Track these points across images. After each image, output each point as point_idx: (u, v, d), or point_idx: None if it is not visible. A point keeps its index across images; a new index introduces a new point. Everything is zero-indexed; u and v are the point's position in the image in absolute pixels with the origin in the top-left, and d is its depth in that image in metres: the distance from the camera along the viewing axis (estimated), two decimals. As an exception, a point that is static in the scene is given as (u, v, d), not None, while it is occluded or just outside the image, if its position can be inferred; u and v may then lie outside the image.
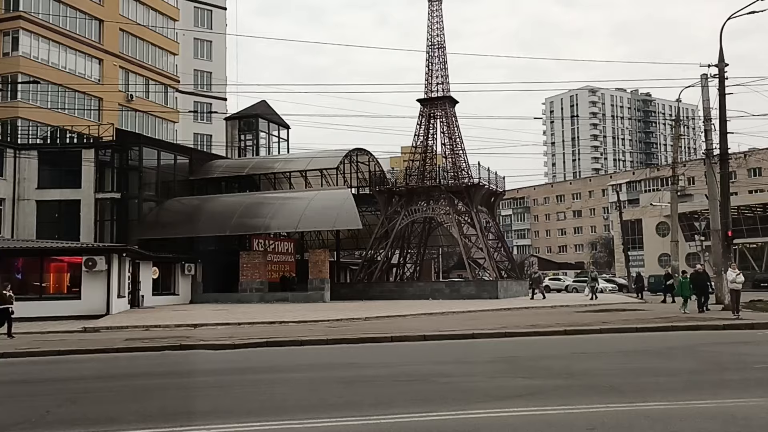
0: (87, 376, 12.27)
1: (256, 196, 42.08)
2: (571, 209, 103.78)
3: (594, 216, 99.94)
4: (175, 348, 16.35)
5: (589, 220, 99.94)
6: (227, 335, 18.90)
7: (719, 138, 24.97)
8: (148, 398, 9.31)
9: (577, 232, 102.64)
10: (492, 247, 42.64)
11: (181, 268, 38.04)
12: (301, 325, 22.69)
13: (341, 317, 24.66)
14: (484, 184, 40.77)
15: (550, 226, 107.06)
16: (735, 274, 21.07)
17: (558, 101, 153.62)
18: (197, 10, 62.18)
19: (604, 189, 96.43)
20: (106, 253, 26.90)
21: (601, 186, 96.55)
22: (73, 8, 47.41)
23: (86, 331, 22.02)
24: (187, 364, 13.54)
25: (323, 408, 8.01)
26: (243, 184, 45.86)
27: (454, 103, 44.11)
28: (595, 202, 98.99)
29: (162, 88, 54.99)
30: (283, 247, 45.42)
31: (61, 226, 39.52)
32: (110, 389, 10.49)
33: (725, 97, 24.79)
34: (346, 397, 8.88)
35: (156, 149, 41.10)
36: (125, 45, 51.69)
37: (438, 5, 43.94)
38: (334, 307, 31.31)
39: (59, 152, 40.60)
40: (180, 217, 40.30)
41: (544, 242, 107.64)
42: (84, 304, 26.43)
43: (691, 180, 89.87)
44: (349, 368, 12.18)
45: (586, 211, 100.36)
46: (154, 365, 13.47)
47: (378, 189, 42.79)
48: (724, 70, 24.82)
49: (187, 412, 8.09)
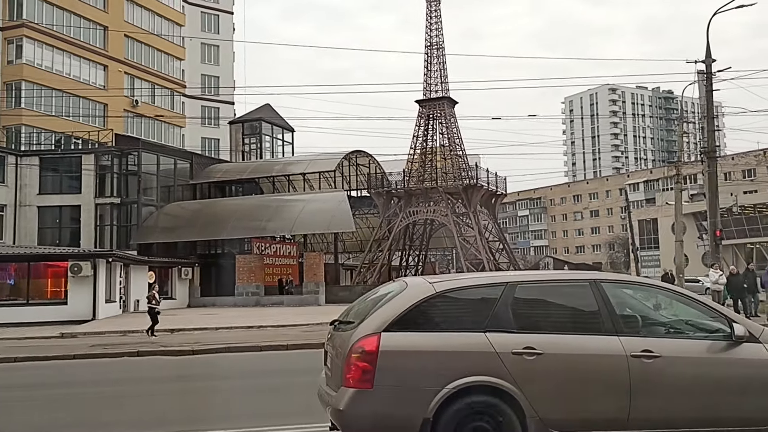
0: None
1: (255, 200, 42.12)
2: (588, 209, 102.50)
3: (611, 216, 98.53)
4: (133, 355, 16.26)
5: (606, 220, 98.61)
6: (194, 341, 18.80)
7: (707, 135, 24.36)
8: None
9: (595, 233, 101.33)
10: (493, 248, 42.16)
11: (178, 272, 38.16)
12: (277, 329, 22.53)
13: (321, 321, 24.42)
14: (483, 185, 40.30)
15: (567, 226, 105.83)
16: (717, 275, 20.48)
17: (578, 100, 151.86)
18: (204, 15, 62.43)
19: (622, 188, 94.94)
20: (92, 259, 26.99)
21: (618, 185, 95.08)
22: (77, 16, 47.86)
23: (63, 337, 22.07)
24: (124, 372, 13.48)
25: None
26: (247, 187, 45.97)
27: (453, 104, 43.69)
28: (613, 202, 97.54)
29: (168, 93, 55.31)
30: (285, 251, 45.33)
31: (62, 231, 40.00)
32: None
33: (713, 93, 24.15)
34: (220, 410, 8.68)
35: (155, 154, 41.30)
36: (130, 51, 52.08)
37: (436, 5, 43.57)
38: (323, 311, 31.05)
39: (60, 158, 41.04)
40: (179, 222, 40.46)
41: (561, 243, 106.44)
42: (70, 309, 26.54)
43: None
44: (273, 376, 12.02)
45: (604, 211, 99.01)
46: (93, 373, 13.40)
47: (377, 191, 42.51)
48: (711, 67, 24.18)
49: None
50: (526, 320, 5.65)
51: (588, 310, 5.69)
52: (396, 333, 5.38)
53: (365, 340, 5.37)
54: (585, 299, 5.70)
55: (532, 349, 5.31)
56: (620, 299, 5.92)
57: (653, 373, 5.37)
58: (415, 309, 5.53)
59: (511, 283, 5.74)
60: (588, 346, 5.43)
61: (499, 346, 5.31)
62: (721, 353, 5.56)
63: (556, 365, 5.32)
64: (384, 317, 5.52)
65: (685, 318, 5.92)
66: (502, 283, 5.77)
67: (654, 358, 5.38)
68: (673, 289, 6.05)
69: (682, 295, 5.92)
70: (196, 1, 61.44)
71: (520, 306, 5.64)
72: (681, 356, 5.49)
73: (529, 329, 5.53)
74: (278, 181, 46.92)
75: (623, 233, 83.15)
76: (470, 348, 5.34)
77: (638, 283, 6.40)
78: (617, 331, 5.49)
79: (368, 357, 5.28)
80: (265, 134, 51.59)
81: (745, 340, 5.54)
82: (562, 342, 5.44)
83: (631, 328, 5.69)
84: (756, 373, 5.53)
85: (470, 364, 5.30)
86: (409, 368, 5.29)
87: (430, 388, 5.20)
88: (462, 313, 5.68)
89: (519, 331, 5.46)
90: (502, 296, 5.58)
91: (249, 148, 53.48)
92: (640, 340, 5.48)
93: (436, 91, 43.47)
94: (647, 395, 5.36)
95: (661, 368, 5.38)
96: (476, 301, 5.73)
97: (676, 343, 5.61)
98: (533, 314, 5.78)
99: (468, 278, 6.31)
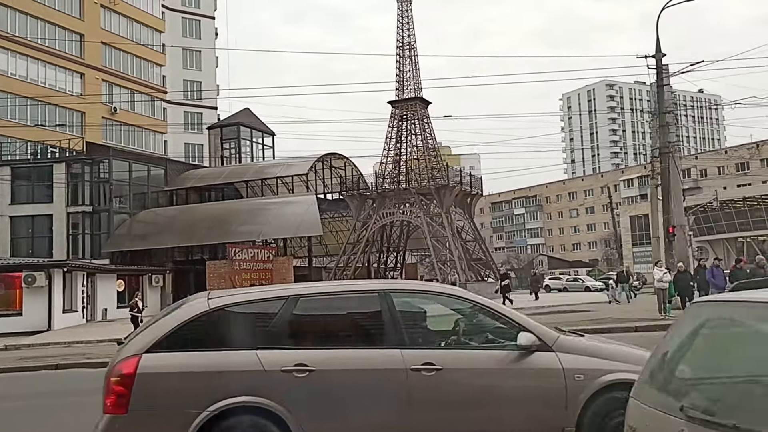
0: None
1: (228, 205, 41.94)
2: (583, 206, 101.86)
3: (606, 212, 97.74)
4: (51, 368, 16.05)
5: (602, 217, 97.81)
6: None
7: (659, 130, 23.99)
8: None
9: (591, 230, 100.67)
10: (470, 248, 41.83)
11: (149, 279, 37.98)
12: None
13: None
14: (455, 186, 39.95)
15: (563, 223, 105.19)
16: (662, 273, 20.15)
17: (575, 96, 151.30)
18: (185, 21, 62.30)
19: (617, 185, 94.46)
20: (46, 269, 26.86)
21: (613, 181, 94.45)
22: (51, 24, 47.74)
23: (7, 349, 21.93)
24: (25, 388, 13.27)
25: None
26: (227, 192, 45.75)
27: (426, 104, 43.39)
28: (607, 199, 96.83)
29: (148, 100, 55.17)
30: (263, 256, 45.12)
31: (34, 241, 39.92)
32: None
33: (663, 88, 23.82)
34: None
35: (127, 161, 41.18)
36: (108, 58, 51.89)
37: (408, 5, 43.27)
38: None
39: (32, 168, 40.97)
40: (152, 229, 40.34)
41: (557, 240, 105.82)
42: (25, 320, 26.45)
43: (703, 172, 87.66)
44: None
45: (599, 208, 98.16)
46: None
47: (350, 194, 42.26)
48: (661, 61, 23.83)
49: None
50: (305, 335, 5.47)
51: (373, 323, 5.48)
52: (161, 353, 5.16)
53: (124, 363, 5.16)
54: (371, 311, 5.49)
55: (304, 366, 5.07)
56: (410, 310, 5.71)
57: (433, 386, 5.14)
58: (185, 327, 5.32)
59: (293, 296, 5.50)
60: (366, 360, 5.21)
61: (269, 364, 5.09)
62: (509, 364, 5.30)
63: (328, 382, 5.09)
64: (149, 337, 5.32)
65: (481, 328, 5.70)
66: (283, 297, 5.52)
67: (435, 371, 5.13)
68: (471, 299, 5.77)
69: (480, 305, 5.67)
70: (177, 7, 61.33)
71: (299, 320, 5.44)
72: (464, 368, 5.26)
73: (306, 345, 5.33)
74: (257, 186, 46.73)
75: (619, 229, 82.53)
76: (237, 367, 5.12)
77: (434, 293, 6.09)
78: (400, 344, 5.24)
79: (125, 380, 5.06)
80: (244, 139, 51.40)
81: (534, 350, 5.27)
82: (338, 357, 5.21)
83: (417, 340, 5.47)
84: (543, 384, 5.29)
85: (236, 384, 5.07)
86: (169, 391, 5.07)
87: (190, 410, 4.97)
88: (237, 330, 5.44)
89: (294, 348, 5.23)
90: (281, 311, 5.35)
91: (230, 153, 53.36)
92: (422, 353, 5.26)
93: (408, 92, 43.16)
94: (426, 409, 5.14)
95: (441, 381, 5.14)
96: (253, 317, 5.51)
97: (460, 355, 5.41)
98: (313, 329, 5.58)
99: (248, 293, 6.11)
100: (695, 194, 74.32)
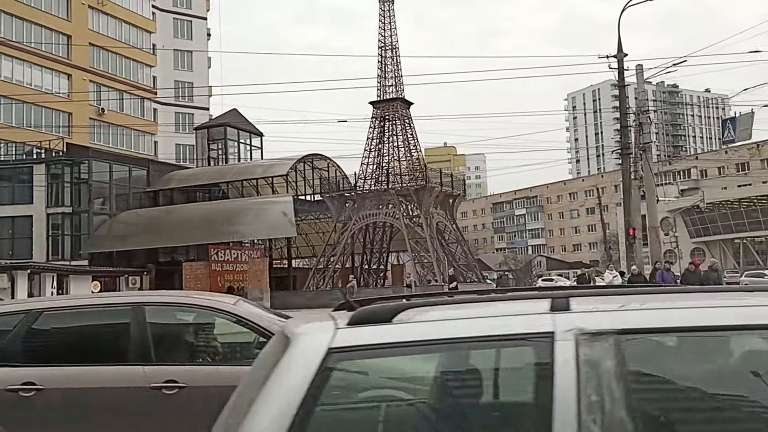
0: None
1: (210, 206, 41.76)
2: (584, 206, 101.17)
3: (607, 212, 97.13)
4: None
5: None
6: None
7: (621, 131, 23.64)
8: None
9: (591, 230, 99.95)
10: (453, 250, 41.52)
11: (125, 281, 37.86)
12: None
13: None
14: (434, 186, 39.63)
15: (564, 224, 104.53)
16: (612, 276, 19.91)
17: (581, 96, 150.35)
18: (177, 21, 62.34)
19: (617, 185, 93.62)
20: (8, 271, 26.81)
21: (614, 182, 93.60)
22: (38, 25, 47.81)
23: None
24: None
25: None
26: (214, 192, 45.60)
27: (407, 105, 43.11)
28: (608, 199, 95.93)
29: (138, 100, 55.18)
30: (245, 257, 45.01)
31: (15, 242, 39.93)
32: None
33: (624, 89, 23.50)
34: None
35: (107, 162, 41.15)
36: (96, 59, 51.91)
37: (390, 5, 43.01)
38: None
39: (12, 168, 41.03)
40: (133, 230, 40.21)
41: (558, 241, 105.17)
42: (-12, 322, 26.33)
43: (703, 173, 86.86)
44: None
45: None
46: None
47: (330, 195, 42.04)
48: (623, 61, 23.49)
49: None
50: (41, 352, 5.22)
51: (119, 338, 5.23)
52: None
53: None
54: (120, 326, 5.24)
55: (32, 385, 4.82)
56: (166, 325, 5.48)
57: (173, 405, 4.89)
58: None
59: (35, 310, 5.26)
60: (102, 377, 4.96)
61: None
62: None
63: (58, 401, 4.84)
64: None
65: (240, 342, 5.47)
66: (23, 311, 5.31)
67: (178, 389, 4.89)
68: (232, 312, 5.49)
69: (241, 318, 5.40)
70: (168, 8, 61.37)
71: (37, 336, 5.20)
72: (210, 385, 4.95)
73: (40, 362, 5.07)
74: (241, 187, 46.60)
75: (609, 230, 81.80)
76: None
77: (195, 306, 5.79)
78: (145, 360, 5.00)
79: None
80: (231, 139, 51.18)
81: None
82: (71, 375, 4.95)
83: (165, 356, 5.20)
84: None
85: None
86: None
87: None
88: None
89: (26, 365, 4.99)
90: (17, 326, 5.10)
91: (217, 154, 53.20)
92: (166, 370, 4.99)
93: (390, 93, 42.89)
94: (164, 429, 4.92)
95: (181, 399, 4.89)
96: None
97: (208, 371, 5.14)
98: (52, 345, 5.34)
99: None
100: (693, 194, 73.62)
